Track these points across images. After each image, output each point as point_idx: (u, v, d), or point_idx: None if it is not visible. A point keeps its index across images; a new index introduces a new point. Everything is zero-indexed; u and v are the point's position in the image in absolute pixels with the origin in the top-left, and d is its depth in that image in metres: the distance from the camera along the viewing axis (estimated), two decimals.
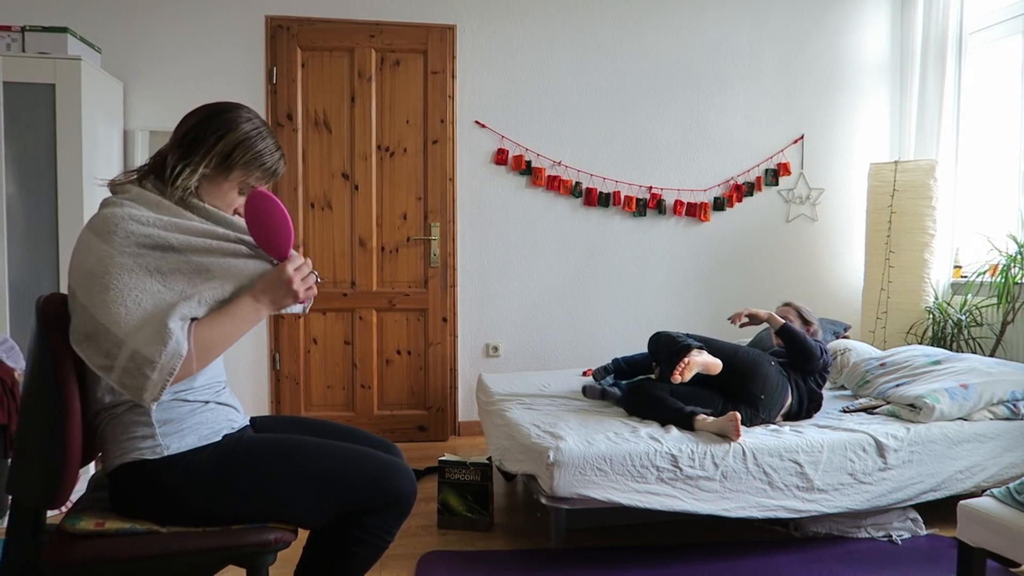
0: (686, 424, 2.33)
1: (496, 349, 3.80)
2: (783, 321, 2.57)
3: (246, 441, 1.38)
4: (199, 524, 1.30)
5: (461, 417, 3.78)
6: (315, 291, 1.37)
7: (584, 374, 3.16)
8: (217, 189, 1.37)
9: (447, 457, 2.53)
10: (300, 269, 1.33)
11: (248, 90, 3.51)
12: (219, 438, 1.35)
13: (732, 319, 2.61)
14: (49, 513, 1.32)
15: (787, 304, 2.79)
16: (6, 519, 1.67)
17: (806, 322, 2.72)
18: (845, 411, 2.65)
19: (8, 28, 2.78)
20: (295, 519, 1.35)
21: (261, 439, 1.40)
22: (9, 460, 1.91)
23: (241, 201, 1.41)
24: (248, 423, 1.50)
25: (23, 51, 2.77)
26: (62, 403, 1.22)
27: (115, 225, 1.24)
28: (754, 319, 2.60)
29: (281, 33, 3.53)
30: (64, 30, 2.83)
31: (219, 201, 1.38)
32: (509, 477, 2.90)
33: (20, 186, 2.70)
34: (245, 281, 1.32)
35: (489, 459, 2.54)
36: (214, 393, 1.38)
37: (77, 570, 1.24)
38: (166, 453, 1.27)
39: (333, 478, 1.35)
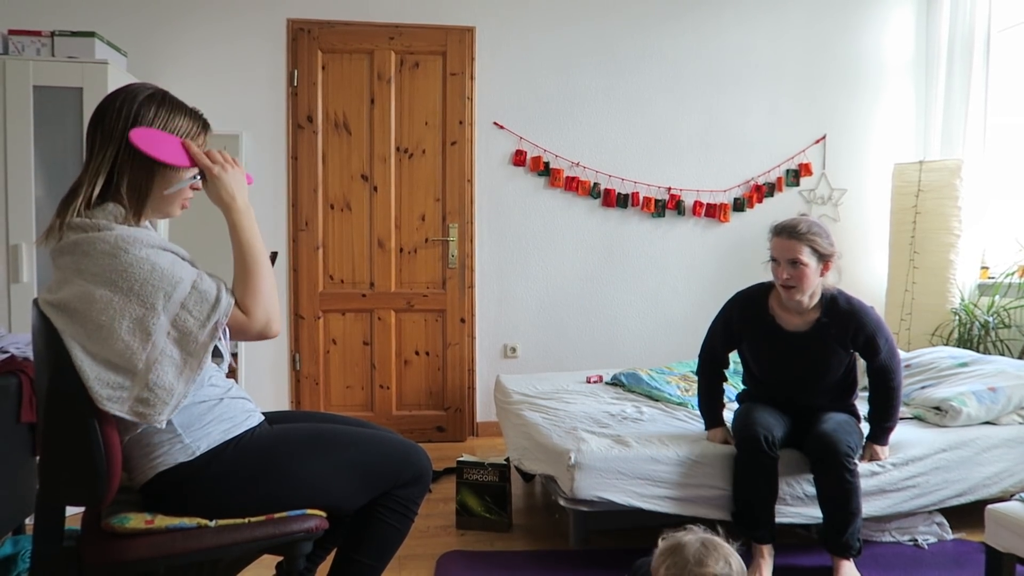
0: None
1: (514, 350, 3.80)
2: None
3: (279, 433, 1.43)
4: (245, 515, 1.34)
5: (479, 418, 3.79)
6: (241, 168, 1.37)
7: (588, 380, 3.13)
8: (166, 181, 1.31)
9: (465, 458, 2.53)
10: (215, 160, 1.32)
11: (270, 92, 3.55)
12: (243, 429, 1.38)
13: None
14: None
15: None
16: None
17: (825, 256, 2.10)
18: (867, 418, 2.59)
19: (38, 33, 2.83)
20: (336, 504, 1.42)
21: (295, 429, 1.45)
22: (37, 459, 1.95)
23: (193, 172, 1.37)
24: (263, 417, 1.52)
25: (52, 55, 2.83)
26: (92, 400, 1.23)
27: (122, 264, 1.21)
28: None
29: (302, 36, 3.56)
30: (91, 35, 2.88)
31: (174, 178, 1.32)
32: (527, 478, 2.90)
33: (49, 189, 2.76)
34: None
35: (507, 460, 2.54)
36: (224, 391, 1.40)
37: (128, 568, 1.27)
38: (199, 452, 1.30)
39: (370, 462, 1.44)
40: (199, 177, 1.33)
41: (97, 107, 1.31)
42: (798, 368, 2.19)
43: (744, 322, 2.24)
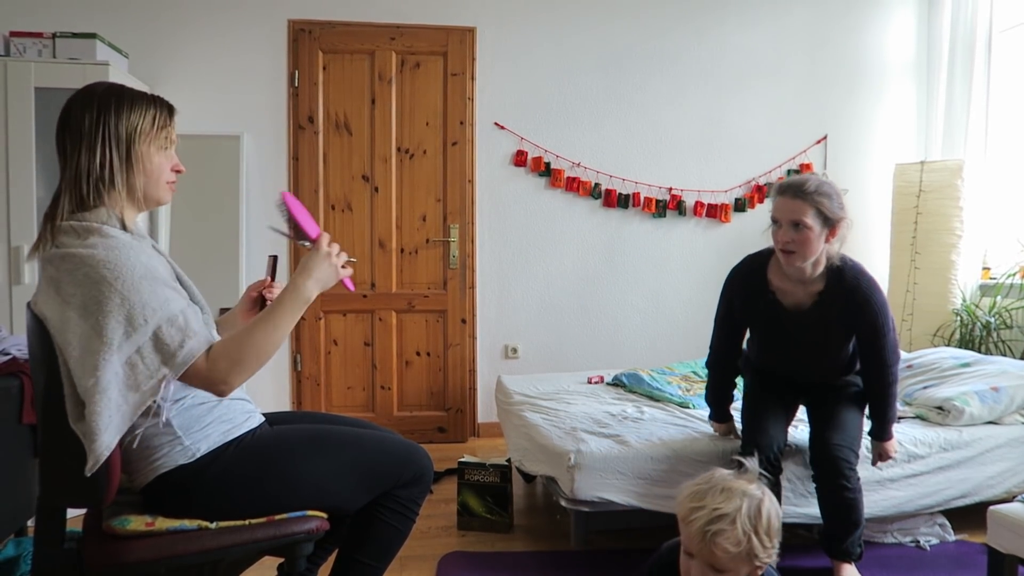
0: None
1: (515, 350, 3.80)
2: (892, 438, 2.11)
3: (279, 434, 1.43)
4: (245, 516, 1.34)
5: (480, 419, 3.78)
6: (350, 270, 1.39)
7: (589, 381, 3.13)
8: (148, 168, 1.31)
9: (467, 458, 2.53)
10: (332, 245, 1.36)
11: (270, 93, 3.55)
12: (243, 431, 1.38)
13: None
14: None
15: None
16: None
17: (832, 221, 1.92)
18: (869, 417, 2.58)
19: (39, 35, 2.84)
20: (337, 505, 1.42)
21: (295, 430, 1.45)
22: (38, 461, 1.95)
23: (172, 156, 1.35)
24: (263, 418, 1.52)
25: (54, 57, 2.83)
26: None
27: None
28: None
29: (303, 36, 3.57)
30: (93, 36, 2.88)
31: (157, 175, 1.32)
32: (529, 478, 2.90)
33: (50, 190, 2.75)
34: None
35: (508, 461, 2.54)
36: None
37: (129, 569, 1.27)
38: (200, 454, 1.30)
39: (371, 463, 1.44)
40: (307, 243, 1.37)
41: (60, 115, 1.30)
42: (799, 350, 2.07)
43: (745, 302, 2.08)
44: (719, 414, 2.28)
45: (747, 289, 2.07)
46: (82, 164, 1.26)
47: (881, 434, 2.13)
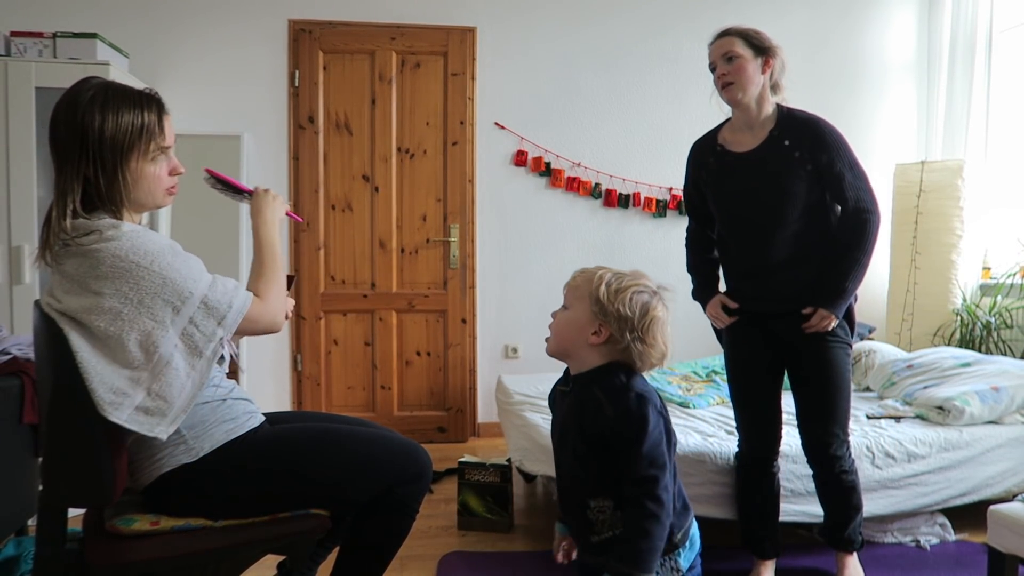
0: None
1: (515, 350, 3.80)
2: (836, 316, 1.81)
3: (281, 433, 1.43)
4: (249, 515, 1.34)
5: (480, 418, 3.79)
6: (288, 204, 1.58)
7: None
8: (139, 183, 1.29)
9: (467, 458, 2.53)
10: (268, 191, 1.52)
11: (271, 93, 3.56)
12: (245, 430, 1.39)
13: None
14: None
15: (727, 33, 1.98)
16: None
17: (763, 50, 1.97)
18: (869, 416, 2.59)
19: (40, 35, 2.84)
20: (338, 503, 1.42)
21: (296, 430, 1.45)
22: (39, 460, 1.95)
23: (169, 161, 1.34)
24: (263, 418, 1.53)
25: (54, 57, 2.84)
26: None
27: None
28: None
29: (303, 36, 3.57)
30: (93, 36, 2.88)
31: (151, 186, 1.31)
32: (529, 478, 2.90)
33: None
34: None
35: (509, 460, 2.54)
36: (226, 392, 1.41)
37: (133, 569, 1.27)
38: (203, 453, 1.31)
39: (371, 461, 1.45)
40: (247, 197, 1.54)
41: (50, 120, 1.27)
42: (756, 203, 1.83)
43: (697, 166, 2.01)
44: (705, 295, 2.01)
45: (699, 152, 2.06)
46: (71, 181, 1.25)
47: (829, 303, 1.78)
